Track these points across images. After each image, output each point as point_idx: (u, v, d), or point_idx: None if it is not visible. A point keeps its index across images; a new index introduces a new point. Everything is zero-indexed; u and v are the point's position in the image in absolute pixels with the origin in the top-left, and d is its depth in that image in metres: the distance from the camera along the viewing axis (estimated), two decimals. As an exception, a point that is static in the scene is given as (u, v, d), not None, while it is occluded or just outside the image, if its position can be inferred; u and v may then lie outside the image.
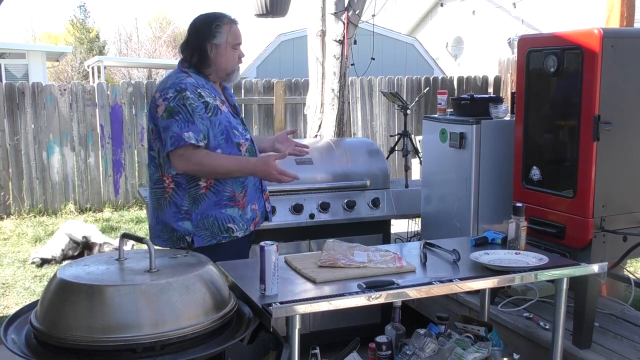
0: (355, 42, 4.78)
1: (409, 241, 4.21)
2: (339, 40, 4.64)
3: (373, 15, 5.51)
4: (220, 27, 2.72)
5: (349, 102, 5.08)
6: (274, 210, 3.64)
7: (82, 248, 5.94)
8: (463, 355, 2.44)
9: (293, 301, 1.99)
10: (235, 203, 2.72)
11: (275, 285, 2.06)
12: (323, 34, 4.70)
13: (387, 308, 2.92)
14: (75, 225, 6.16)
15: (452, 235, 3.35)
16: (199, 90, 2.64)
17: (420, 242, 2.72)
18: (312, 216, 3.71)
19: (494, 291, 3.13)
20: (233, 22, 2.77)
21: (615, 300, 3.38)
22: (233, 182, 2.70)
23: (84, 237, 5.96)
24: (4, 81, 12.22)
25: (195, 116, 2.58)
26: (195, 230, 2.67)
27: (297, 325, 1.99)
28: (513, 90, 3.36)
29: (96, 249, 5.91)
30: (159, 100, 2.62)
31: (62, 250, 5.84)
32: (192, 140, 2.55)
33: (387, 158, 4.30)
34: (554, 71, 2.88)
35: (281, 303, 1.98)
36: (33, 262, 5.82)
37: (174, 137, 2.55)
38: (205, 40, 2.71)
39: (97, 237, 6.06)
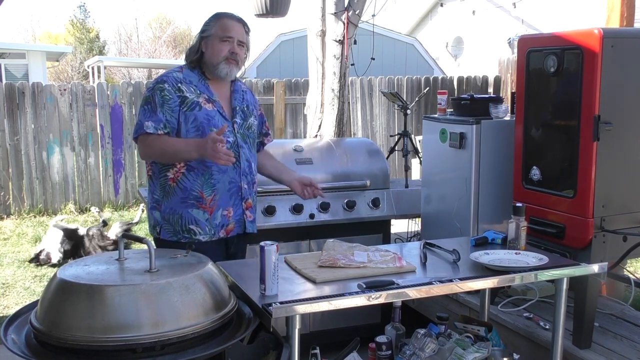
0: (355, 42, 4.78)
1: (409, 241, 4.20)
2: (339, 40, 4.64)
3: (373, 15, 5.51)
4: (213, 21, 2.77)
5: (349, 102, 5.09)
6: (273, 210, 3.64)
7: (71, 238, 5.96)
8: (463, 355, 2.44)
9: (293, 301, 1.99)
10: (202, 205, 2.70)
11: (275, 285, 2.06)
12: (323, 34, 4.70)
13: (387, 308, 2.92)
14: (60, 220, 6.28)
15: (452, 235, 3.35)
16: (179, 85, 2.70)
17: (420, 242, 2.72)
18: (312, 216, 3.71)
19: (494, 291, 3.13)
20: (227, 17, 2.77)
21: (615, 300, 3.38)
22: (203, 182, 2.70)
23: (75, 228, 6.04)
24: (4, 81, 12.22)
25: (162, 107, 2.65)
26: (162, 222, 2.75)
27: (297, 325, 1.99)
28: (513, 90, 3.36)
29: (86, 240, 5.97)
30: (145, 89, 2.73)
31: (60, 244, 5.87)
32: (150, 130, 2.64)
33: (387, 158, 4.31)
34: (554, 71, 2.88)
35: (281, 303, 1.98)
36: (36, 261, 5.84)
37: (137, 125, 2.70)
38: (199, 35, 2.78)
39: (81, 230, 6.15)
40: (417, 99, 6.45)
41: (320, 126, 4.79)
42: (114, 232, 6.26)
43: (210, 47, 2.74)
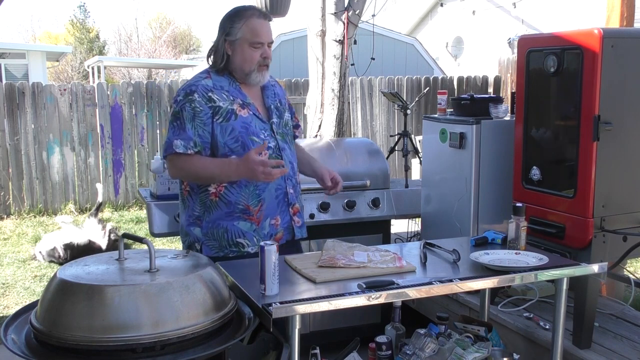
0: (355, 42, 4.78)
1: (409, 241, 4.20)
2: (339, 40, 4.64)
3: (373, 15, 5.52)
4: (237, 22, 2.54)
5: (349, 102, 5.09)
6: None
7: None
8: (463, 355, 2.44)
9: (293, 301, 1.99)
10: (249, 217, 2.57)
11: (275, 285, 2.06)
12: (323, 34, 4.70)
13: (387, 308, 2.92)
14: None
15: (452, 235, 3.35)
16: (209, 94, 2.52)
17: (420, 242, 2.72)
18: (312, 216, 3.71)
19: (494, 291, 3.13)
20: (255, 16, 2.55)
21: (615, 300, 3.38)
22: (248, 194, 2.56)
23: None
24: (4, 81, 12.23)
25: (193, 121, 2.49)
26: (204, 239, 2.60)
27: (297, 325, 1.99)
28: (513, 90, 3.35)
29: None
30: (173, 101, 2.61)
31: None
32: (179, 149, 2.48)
33: (387, 158, 4.30)
34: (554, 71, 2.88)
35: (281, 303, 1.97)
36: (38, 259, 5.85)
37: (166, 144, 2.53)
38: (221, 37, 2.58)
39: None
40: (417, 99, 6.45)
41: (320, 126, 4.79)
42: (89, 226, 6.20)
43: (239, 52, 2.55)
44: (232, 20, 2.56)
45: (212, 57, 2.62)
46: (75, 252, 5.70)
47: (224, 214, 2.57)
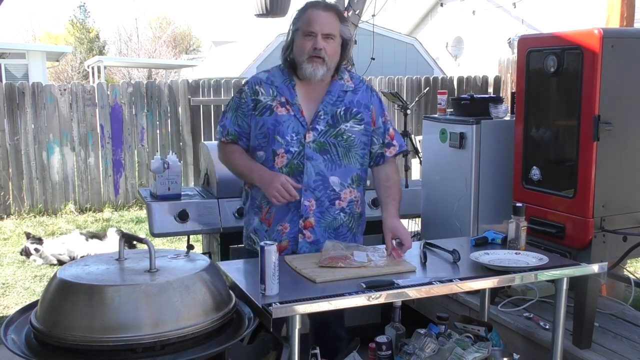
0: (355, 42, 4.77)
1: (409, 241, 4.20)
2: (339, 40, 4.63)
3: (373, 15, 5.51)
4: (299, 13, 2.53)
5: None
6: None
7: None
8: (463, 355, 2.44)
9: (293, 301, 1.99)
10: (261, 215, 2.62)
11: (275, 285, 2.06)
12: (323, 34, 4.69)
13: (387, 308, 2.92)
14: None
15: (452, 235, 3.35)
16: (257, 87, 2.57)
17: (420, 242, 2.72)
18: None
19: (494, 291, 3.13)
20: (314, 7, 2.49)
21: (615, 300, 3.38)
22: (262, 193, 2.55)
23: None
24: (4, 81, 12.23)
25: (236, 112, 2.60)
26: (244, 225, 2.76)
27: (297, 325, 1.99)
28: (513, 90, 3.35)
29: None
30: None
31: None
32: (218, 135, 2.65)
33: (387, 158, 4.29)
34: (554, 71, 2.88)
35: (281, 303, 1.97)
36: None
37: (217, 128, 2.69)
38: (291, 29, 2.55)
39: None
40: (417, 99, 6.45)
41: (320, 126, 4.78)
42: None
43: (296, 43, 2.51)
44: (298, 11, 2.56)
45: (285, 49, 2.59)
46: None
47: (250, 206, 2.69)
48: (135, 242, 5.29)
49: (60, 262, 5.77)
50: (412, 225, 4.52)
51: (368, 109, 2.63)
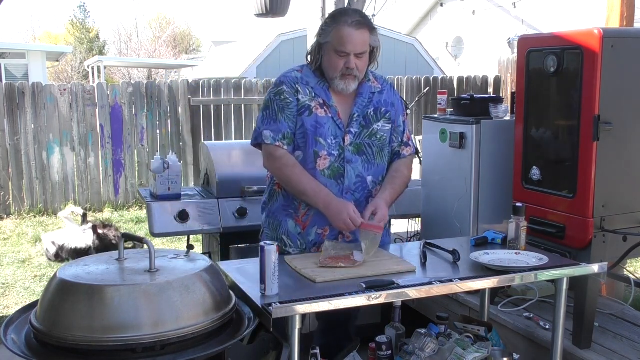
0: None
1: (409, 241, 4.20)
2: (339, 40, 4.63)
3: (373, 15, 5.52)
4: (330, 25, 2.50)
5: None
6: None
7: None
8: (463, 355, 2.44)
9: (293, 301, 1.99)
10: (296, 217, 2.57)
11: (275, 285, 2.06)
12: (323, 34, 4.69)
13: (387, 308, 2.92)
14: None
15: (452, 235, 3.35)
16: (296, 86, 2.53)
17: (420, 242, 2.72)
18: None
19: (494, 291, 3.13)
20: (346, 24, 2.44)
21: (615, 300, 3.38)
22: None
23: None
24: (4, 81, 12.23)
25: (283, 114, 2.50)
26: (265, 227, 2.67)
27: (297, 325, 1.99)
28: (513, 90, 3.35)
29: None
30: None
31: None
32: (268, 141, 2.50)
33: (387, 158, 4.29)
34: (554, 71, 2.88)
35: (281, 303, 1.98)
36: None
37: (256, 132, 2.57)
38: (317, 37, 2.55)
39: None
40: (417, 99, 6.46)
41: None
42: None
43: (326, 56, 2.50)
44: (327, 22, 2.53)
45: (310, 55, 2.60)
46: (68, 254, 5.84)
47: (281, 207, 2.61)
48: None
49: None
50: (412, 225, 4.52)
51: (394, 107, 2.69)
